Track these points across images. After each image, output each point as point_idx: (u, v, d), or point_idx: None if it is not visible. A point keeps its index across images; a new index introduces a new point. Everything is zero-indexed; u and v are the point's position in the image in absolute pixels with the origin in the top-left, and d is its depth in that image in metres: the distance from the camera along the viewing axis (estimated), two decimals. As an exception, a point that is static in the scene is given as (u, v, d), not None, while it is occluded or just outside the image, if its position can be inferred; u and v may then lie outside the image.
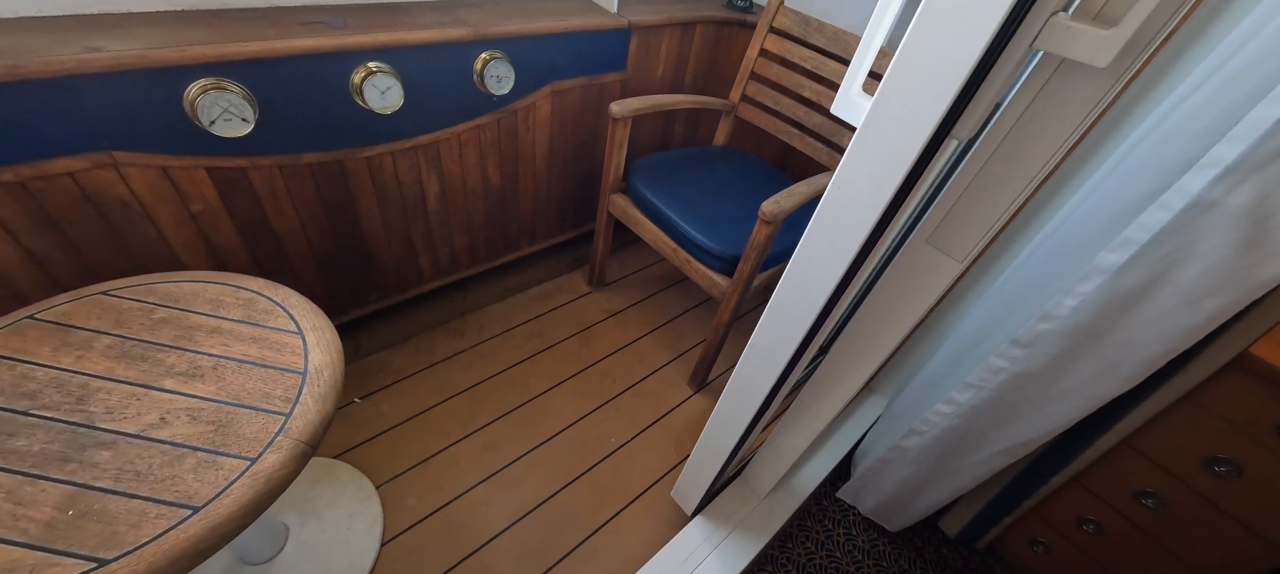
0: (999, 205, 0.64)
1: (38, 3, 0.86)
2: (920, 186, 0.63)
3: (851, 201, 0.63)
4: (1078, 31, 0.48)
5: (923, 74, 0.51)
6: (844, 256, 0.67)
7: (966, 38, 0.48)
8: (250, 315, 0.79)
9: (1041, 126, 0.58)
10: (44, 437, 0.60)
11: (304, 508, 1.11)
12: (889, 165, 0.58)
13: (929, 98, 0.52)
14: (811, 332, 0.78)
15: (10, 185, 0.85)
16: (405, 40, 1.13)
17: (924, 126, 0.53)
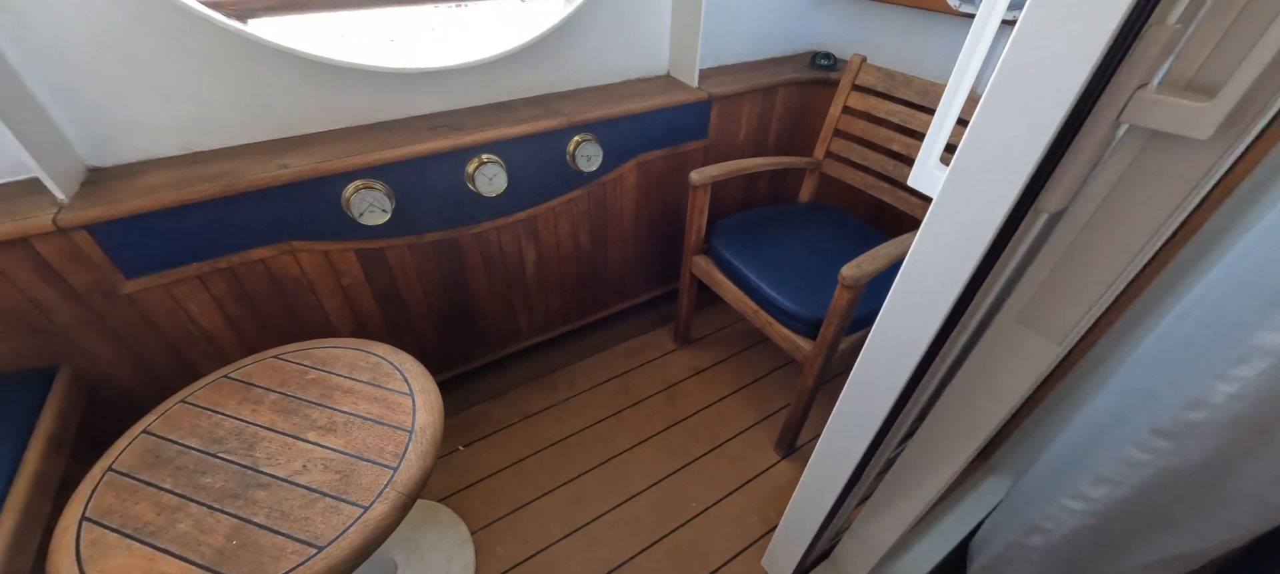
0: (1100, 283, 0.57)
1: (249, 132, 1.15)
2: (1006, 263, 0.59)
3: (930, 278, 0.61)
4: (1169, 105, 0.44)
5: (997, 148, 0.49)
6: (923, 336, 0.64)
7: (1040, 114, 0.46)
8: (375, 378, 0.94)
9: (1140, 201, 0.52)
10: (223, 476, 0.76)
11: (410, 547, 1.24)
12: (967, 240, 0.55)
13: (1004, 172, 0.50)
14: (895, 409, 0.74)
15: (223, 271, 1.11)
16: (509, 134, 1.30)
17: (1001, 201, 0.51)
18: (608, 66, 1.56)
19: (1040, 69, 0.45)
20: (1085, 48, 0.42)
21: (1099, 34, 0.41)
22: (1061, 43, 0.43)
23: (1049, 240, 0.60)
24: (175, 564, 0.66)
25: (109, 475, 0.75)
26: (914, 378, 0.67)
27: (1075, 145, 0.49)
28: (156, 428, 0.83)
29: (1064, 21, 0.43)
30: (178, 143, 1.10)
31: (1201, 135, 0.43)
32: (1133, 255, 0.54)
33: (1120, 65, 0.44)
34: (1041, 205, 0.54)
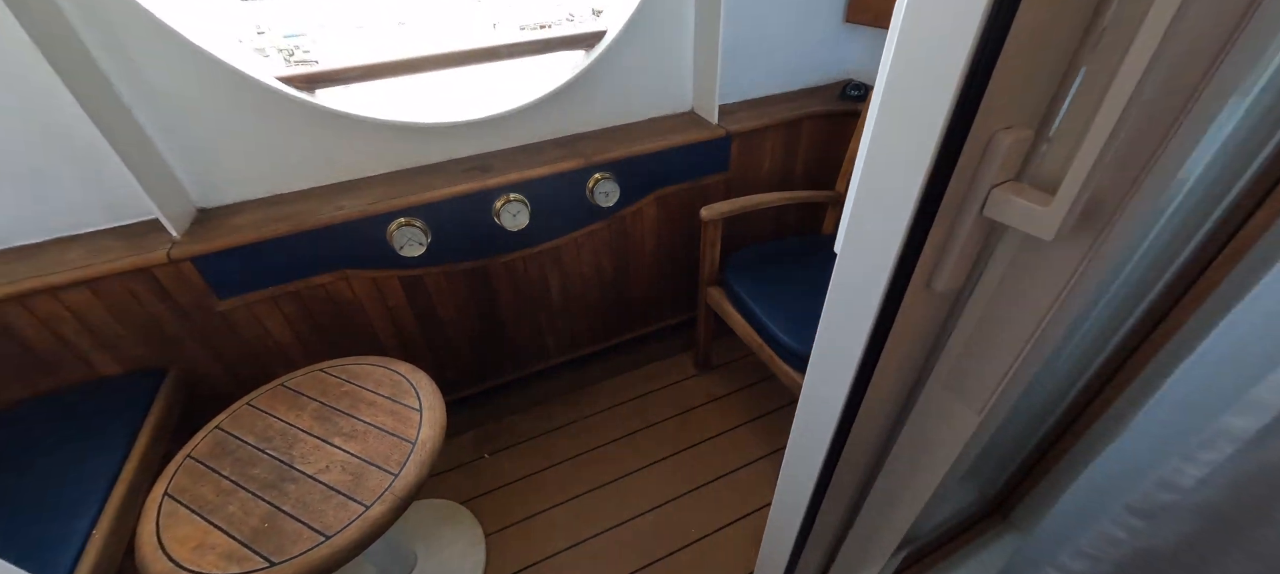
0: (1006, 357, 0.58)
1: (316, 178, 1.37)
2: (905, 334, 0.61)
3: (836, 342, 0.65)
4: (1016, 204, 0.46)
5: (871, 228, 0.53)
6: (838, 396, 0.67)
7: (896, 206, 0.49)
8: (394, 393, 1.10)
9: (1024, 289, 0.53)
10: (266, 469, 0.95)
11: (431, 541, 1.40)
12: (858, 309, 0.59)
13: (878, 252, 0.53)
14: (828, 466, 0.77)
15: (292, 293, 1.34)
16: (532, 175, 1.44)
17: (879, 278, 0.54)
18: (632, 106, 1.66)
19: (891, 166, 0.49)
20: (919, 154, 0.46)
21: (927, 143, 0.45)
22: (904, 154, 0.47)
23: (963, 314, 0.62)
24: (222, 537, 0.84)
25: (187, 461, 0.96)
26: (840, 434, 0.70)
27: (952, 233, 0.52)
28: (225, 424, 1.04)
29: (902, 135, 0.47)
30: (265, 188, 1.34)
31: (1045, 236, 0.44)
32: (1028, 336, 0.55)
33: (978, 166, 0.47)
34: (934, 284, 0.57)
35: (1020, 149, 0.46)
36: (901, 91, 0.46)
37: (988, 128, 0.45)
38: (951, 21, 0.39)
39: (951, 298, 0.61)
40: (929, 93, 0.43)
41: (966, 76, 0.40)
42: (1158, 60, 0.35)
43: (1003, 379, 0.60)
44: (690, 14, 1.56)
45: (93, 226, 1.20)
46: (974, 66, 0.40)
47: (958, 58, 0.40)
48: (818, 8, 1.71)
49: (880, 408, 0.71)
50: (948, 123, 0.43)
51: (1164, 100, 0.41)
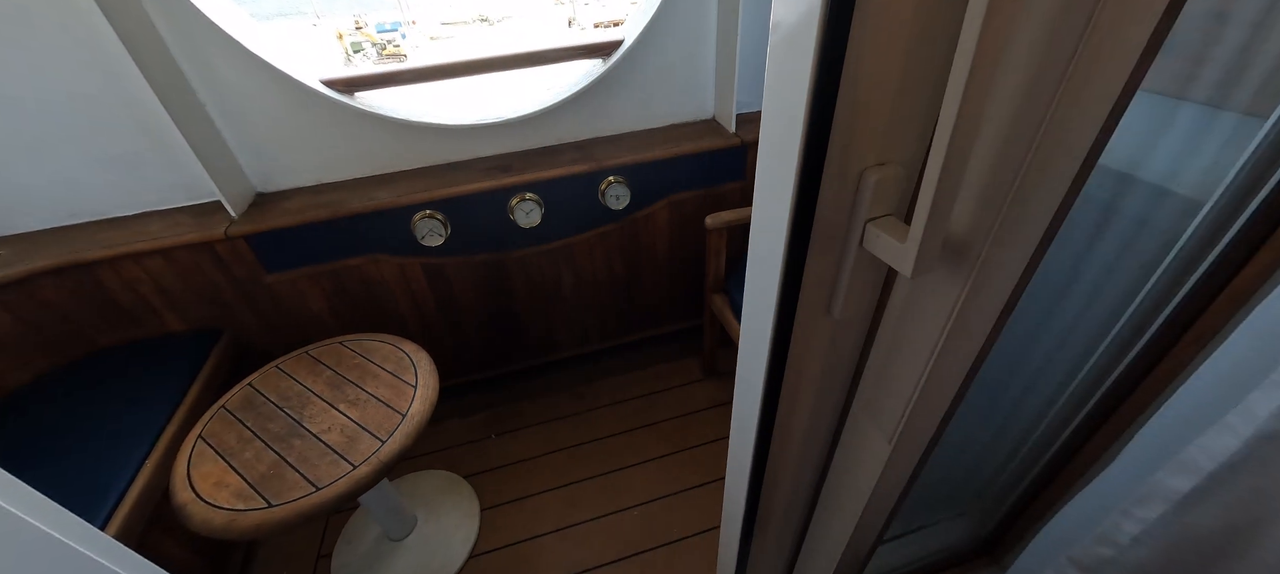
0: (908, 382, 0.58)
1: (355, 170, 1.53)
2: (806, 357, 0.63)
3: (746, 361, 0.67)
4: (882, 240, 0.47)
5: (758, 255, 0.56)
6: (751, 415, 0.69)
7: (775, 237, 0.52)
8: (396, 369, 1.22)
9: (918, 318, 0.53)
10: (282, 424, 1.09)
11: (431, 508, 1.52)
12: (757, 333, 0.61)
13: (764, 277, 0.55)
14: (754, 483, 0.78)
15: (329, 272, 1.50)
16: (545, 176, 1.52)
17: (767, 303, 0.56)
18: (652, 113, 1.70)
19: (769, 197, 0.51)
20: (783, 187, 0.47)
21: (787, 177, 0.46)
22: (775, 185, 0.49)
23: (873, 346, 0.62)
24: (236, 478, 0.99)
25: (221, 411, 1.13)
26: (760, 449, 0.72)
27: (840, 264, 0.53)
28: (255, 382, 1.20)
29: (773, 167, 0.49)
30: (311, 177, 1.52)
31: (905, 271, 0.45)
32: (923, 366, 0.55)
33: (853, 201, 0.48)
34: (832, 311, 0.58)
35: (892, 186, 0.47)
36: (770, 118, 0.48)
37: (856, 165, 0.46)
38: (792, 64, 0.41)
39: (861, 326, 0.61)
40: (785, 125, 0.45)
41: (810, 115, 0.42)
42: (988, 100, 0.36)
43: (906, 407, 0.59)
44: (711, 22, 1.58)
45: (171, 204, 1.42)
46: (816, 106, 0.42)
47: (798, 96, 0.42)
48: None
49: (801, 430, 0.72)
50: (801, 158, 0.44)
51: (1014, 143, 0.41)
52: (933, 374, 0.55)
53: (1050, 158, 0.42)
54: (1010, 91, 0.40)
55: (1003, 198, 0.43)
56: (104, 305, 1.36)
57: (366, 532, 1.48)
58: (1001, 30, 0.32)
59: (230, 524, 0.92)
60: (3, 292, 1.22)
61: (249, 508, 0.94)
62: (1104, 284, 0.79)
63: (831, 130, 0.42)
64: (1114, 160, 0.69)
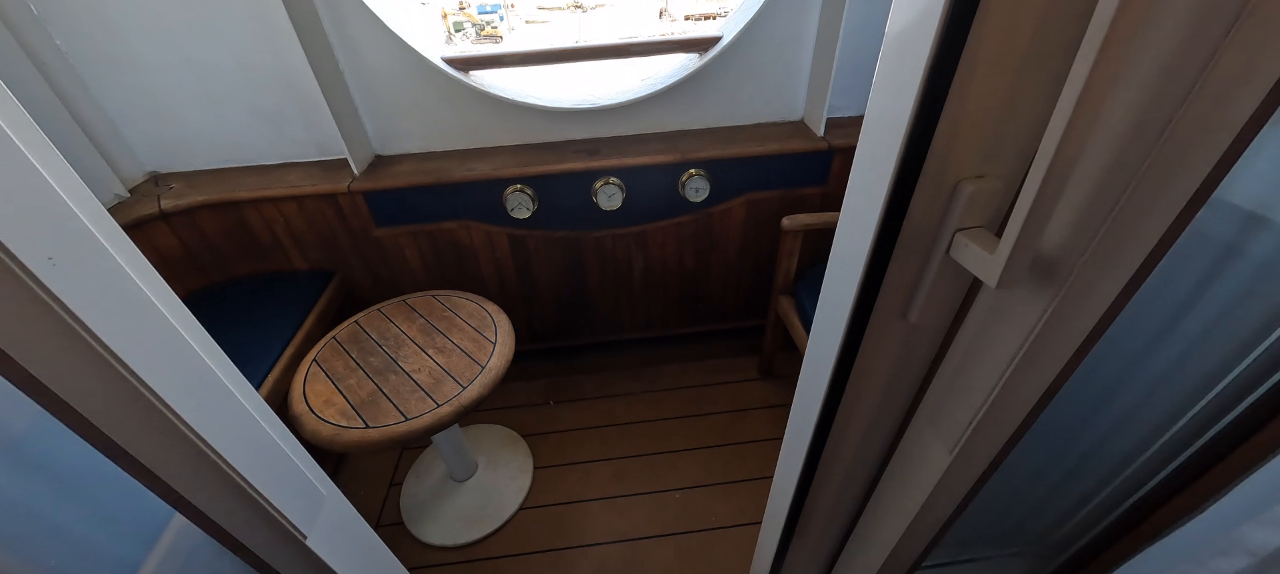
0: (979, 394, 0.58)
1: (458, 142, 1.67)
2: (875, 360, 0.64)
3: (816, 352, 0.69)
4: (971, 250, 0.48)
5: (841, 253, 0.58)
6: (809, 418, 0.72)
7: (862, 231, 0.54)
8: (479, 325, 1.33)
9: (998, 331, 0.53)
10: (379, 359, 1.23)
11: (491, 458, 1.65)
12: (832, 325, 0.63)
13: (845, 277, 0.58)
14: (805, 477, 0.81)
15: (427, 232, 1.66)
16: (630, 163, 1.59)
17: (843, 301, 0.59)
18: (740, 110, 1.72)
19: (860, 199, 0.53)
20: (876, 191, 0.50)
21: (882, 182, 0.49)
22: (868, 189, 0.51)
23: (949, 352, 0.63)
24: (341, 399, 1.14)
25: (331, 341, 1.29)
26: (816, 444, 0.74)
27: (923, 270, 0.55)
28: (361, 320, 1.36)
29: (869, 171, 0.51)
30: (421, 145, 1.67)
31: (990, 281, 0.46)
32: (995, 382, 0.55)
33: (945, 210, 0.50)
34: (909, 315, 0.59)
35: (987, 199, 0.48)
36: (871, 124, 0.50)
37: (952, 175, 0.48)
38: (903, 72, 0.44)
39: (937, 334, 0.62)
40: (887, 131, 0.47)
41: (912, 126, 0.44)
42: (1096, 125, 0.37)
43: (972, 420, 0.60)
44: (812, 25, 1.57)
45: (307, 158, 1.62)
46: (921, 115, 0.44)
47: (904, 104, 0.44)
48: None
49: (860, 429, 0.73)
50: (899, 163, 0.47)
51: (1119, 169, 0.41)
52: (1005, 390, 0.56)
53: (1157, 186, 0.42)
54: (1121, 115, 0.41)
55: (1100, 221, 0.43)
56: (245, 239, 1.59)
57: (434, 469, 1.64)
58: (1118, 57, 0.34)
59: (335, 437, 1.06)
60: (174, 218, 1.46)
61: (350, 426, 1.08)
62: (1217, 329, 0.74)
63: (934, 139, 0.44)
64: (1239, 197, 0.64)
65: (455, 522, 1.52)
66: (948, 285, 0.55)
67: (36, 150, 0.40)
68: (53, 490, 0.57)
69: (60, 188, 0.41)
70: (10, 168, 0.38)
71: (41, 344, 0.40)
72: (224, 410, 0.53)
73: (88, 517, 0.59)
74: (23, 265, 0.37)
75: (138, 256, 0.47)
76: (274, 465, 0.57)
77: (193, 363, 0.51)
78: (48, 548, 0.55)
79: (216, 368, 0.52)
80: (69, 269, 0.40)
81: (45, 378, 0.41)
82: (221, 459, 0.51)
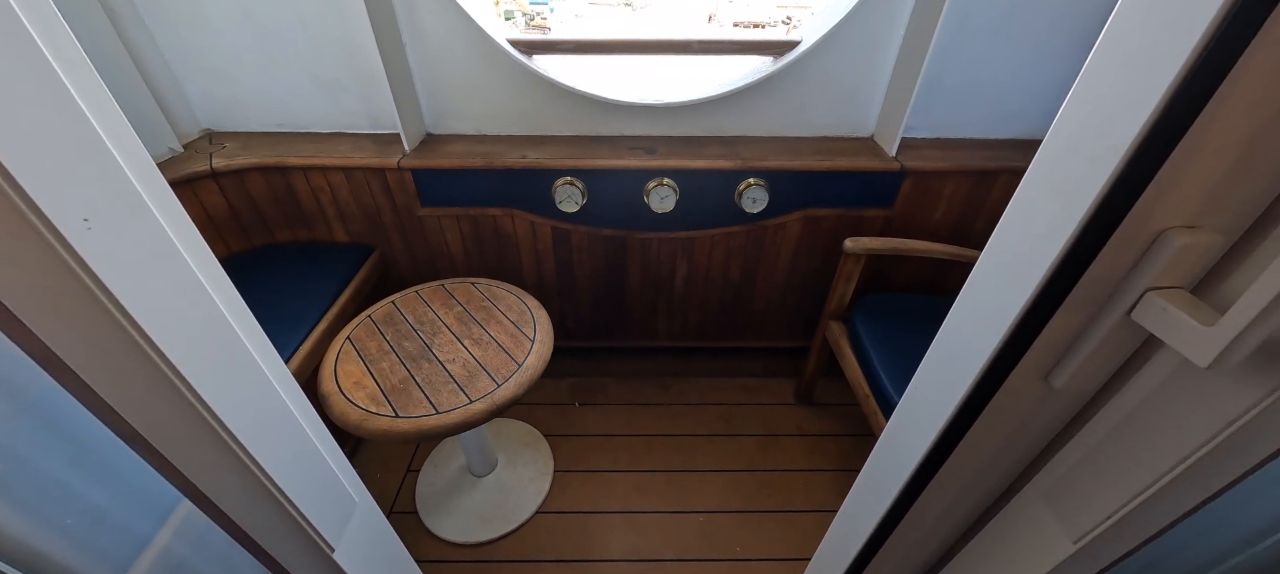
0: (1125, 490, 0.48)
1: (512, 127, 1.62)
2: (998, 424, 0.55)
3: (924, 397, 0.60)
4: (1173, 316, 0.39)
5: (988, 287, 0.49)
6: (908, 457, 0.63)
7: (1022, 274, 0.45)
8: (518, 320, 1.27)
9: (1167, 419, 0.43)
10: (413, 344, 1.18)
11: (511, 455, 1.59)
12: (955, 374, 0.54)
13: (990, 316, 0.49)
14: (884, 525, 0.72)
15: (471, 216, 1.61)
16: (687, 166, 1.51)
17: (984, 346, 0.50)
18: (806, 120, 1.63)
19: (1024, 233, 0.44)
20: (1055, 228, 0.41)
21: (1067, 219, 0.40)
22: (1040, 223, 0.42)
23: (1089, 423, 0.53)
24: (372, 383, 1.09)
25: (366, 320, 1.25)
26: (907, 493, 0.65)
27: (1088, 328, 0.45)
28: (397, 301, 1.32)
29: (1044, 201, 0.42)
30: (473, 126, 1.63)
31: (1199, 361, 0.37)
32: (1160, 475, 0.45)
33: (1137, 261, 0.40)
34: (1054, 379, 0.50)
35: (1199, 255, 0.39)
36: (1057, 151, 0.41)
37: (1156, 221, 0.38)
38: (1130, 83, 0.35)
39: (1077, 400, 0.52)
40: (1084, 163, 0.38)
41: (1132, 155, 0.35)
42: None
43: (1114, 513, 0.50)
44: (897, 38, 1.46)
45: (359, 129, 1.59)
46: (1146, 145, 0.35)
47: (1127, 130, 0.35)
48: (1058, 49, 1.46)
49: (953, 491, 0.64)
50: (1098, 203, 0.38)
51: None
52: (1175, 483, 0.46)
53: None
54: None
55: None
56: (290, 205, 1.57)
57: (453, 461, 1.59)
58: None
59: (362, 422, 1.01)
60: (224, 178, 1.44)
61: (378, 413, 1.03)
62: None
63: (1155, 178, 0.35)
64: None
65: (470, 518, 1.46)
66: (1114, 349, 0.46)
67: (90, 95, 0.34)
68: (70, 453, 0.52)
69: (108, 139, 0.35)
70: (55, 111, 0.32)
71: (69, 317, 0.34)
72: (261, 406, 0.47)
73: (104, 485, 0.54)
74: (52, 226, 0.32)
75: (186, 225, 0.42)
76: (308, 468, 0.51)
77: (233, 351, 0.45)
78: (60, 508, 0.50)
79: (259, 356, 0.46)
80: (105, 233, 0.34)
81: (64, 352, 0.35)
82: (253, 462, 0.45)
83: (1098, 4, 1.38)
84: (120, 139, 0.36)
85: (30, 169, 0.30)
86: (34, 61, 0.30)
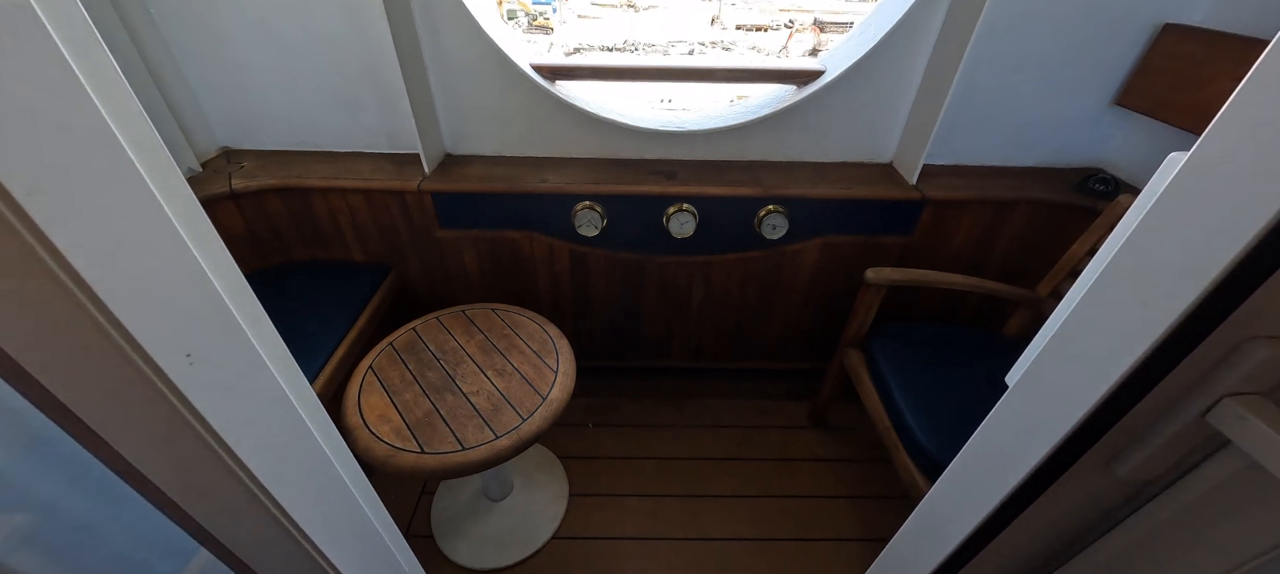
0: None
1: (532, 148, 1.61)
2: (1058, 504, 0.54)
3: (975, 476, 0.60)
4: (1253, 426, 0.39)
5: (1058, 378, 0.48)
6: (953, 535, 0.62)
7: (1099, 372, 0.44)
8: (540, 349, 1.27)
9: (1229, 519, 0.43)
10: (436, 375, 1.18)
11: (527, 479, 1.59)
12: (1013, 461, 0.54)
13: (1059, 409, 0.48)
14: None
15: (489, 239, 1.60)
16: (708, 193, 1.50)
17: (1050, 436, 0.49)
18: (825, 146, 1.62)
19: (1104, 329, 0.44)
20: (1141, 331, 0.40)
21: (1153, 324, 0.39)
22: (1124, 323, 0.42)
23: (1144, 510, 0.52)
24: (396, 416, 1.08)
25: (388, 348, 1.24)
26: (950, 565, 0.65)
27: (1159, 423, 0.45)
28: (418, 328, 1.31)
29: (1130, 298, 0.41)
30: (493, 148, 1.62)
31: (1276, 471, 0.37)
32: (1233, 566, 0.45)
33: (1215, 366, 0.40)
34: (1117, 468, 0.49)
35: None
36: (1149, 247, 0.40)
37: (1243, 330, 0.38)
38: (1235, 199, 0.34)
39: (1136, 486, 0.52)
40: (1175, 277, 0.37)
41: (1234, 268, 0.35)
42: None
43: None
44: (920, 68, 1.46)
45: (378, 149, 1.58)
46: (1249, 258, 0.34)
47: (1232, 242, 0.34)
48: (1084, 82, 1.46)
49: (1006, 558, 0.63)
50: (1190, 311, 0.37)
51: None
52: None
53: None
54: None
55: None
56: (308, 225, 1.56)
57: (469, 484, 1.58)
58: None
59: (389, 459, 1.01)
60: (243, 199, 1.43)
61: (405, 448, 1.02)
62: None
63: (1251, 296, 0.35)
64: None
65: (486, 543, 1.46)
66: (1182, 445, 0.46)
67: (118, 110, 0.33)
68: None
69: (137, 159, 0.34)
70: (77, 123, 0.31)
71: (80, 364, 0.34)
72: (312, 479, 0.47)
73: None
74: (63, 260, 0.31)
75: (224, 256, 0.41)
76: (359, 542, 0.50)
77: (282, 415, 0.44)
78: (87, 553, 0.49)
79: (310, 423, 0.46)
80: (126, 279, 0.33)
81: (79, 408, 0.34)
82: (305, 537, 0.44)
83: (1118, 37, 1.38)
84: (149, 159, 0.35)
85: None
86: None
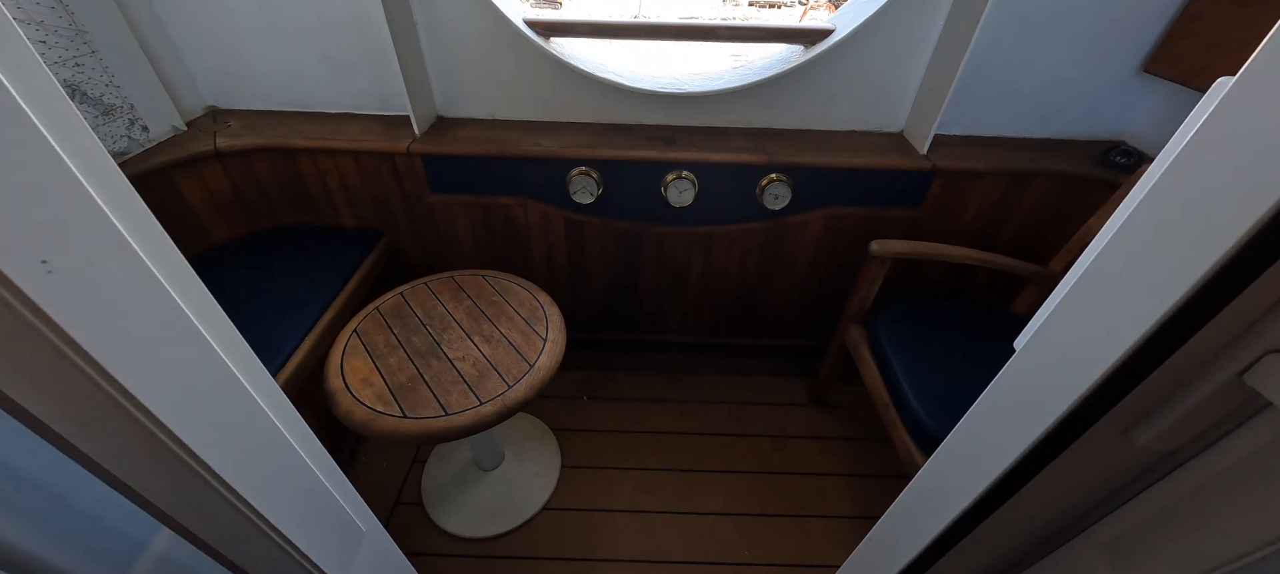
0: (1203, 561, 0.43)
1: (527, 111, 1.55)
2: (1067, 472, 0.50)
3: (977, 444, 0.55)
4: (1299, 388, 0.34)
5: (1071, 336, 0.44)
6: (950, 506, 0.58)
7: (1119, 328, 0.39)
8: (530, 317, 1.23)
9: (1264, 490, 0.38)
10: (422, 340, 1.14)
11: (519, 449, 1.57)
12: (1018, 427, 0.49)
13: (1071, 371, 0.43)
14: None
15: (482, 204, 1.56)
16: (708, 159, 1.44)
17: (1060, 402, 0.45)
18: (832, 113, 1.55)
19: (1128, 280, 0.39)
20: (1173, 278, 0.35)
21: (1188, 269, 0.34)
22: (1152, 270, 0.37)
23: (1167, 480, 0.48)
24: (379, 380, 1.05)
25: (374, 312, 1.21)
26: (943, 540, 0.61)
27: (1187, 387, 0.40)
28: (406, 293, 1.27)
29: (1161, 243, 0.36)
30: (487, 110, 1.56)
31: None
32: (1245, 552, 0.41)
33: (1259, 319, 0.35)
34: (1135, 435, 0.45)
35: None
36: (1184, 187, 0.35)
37: (1290, 277, 0.33)
38: None
39: (1155, 456, 0.47)
40: (1224, 203, 0.32)
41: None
42: None
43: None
44: (935, 30, 1.38)
45: (368, 111, 1.53)
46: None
47: None
48: (1109, 48, 1.38)
49: (1004, 534, 0.60)
50: (1235, 251, 0.32)
51: None
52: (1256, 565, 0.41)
53: None
54: None
55: None
56: (296, 188, 1.52)
57: (459, 453, 1.57)
58: None
59: (369, 422, 0.98)
60: (229, 158, 1.39)
61: (386, 413, 0.99)
62: None
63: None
64: None
65: (476, 512, 1.44)
66: (1213, 410, 0.41)
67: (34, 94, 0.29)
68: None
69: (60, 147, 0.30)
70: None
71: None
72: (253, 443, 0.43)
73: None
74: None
75: (158, 234, 0.37)
76: (310, 503, 0.47)
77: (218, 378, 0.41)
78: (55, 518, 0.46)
79: (248, 381, 0.42)
80: (63, 274, 0.30)
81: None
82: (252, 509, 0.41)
83: (1148, 3, 1.29)
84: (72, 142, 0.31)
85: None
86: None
